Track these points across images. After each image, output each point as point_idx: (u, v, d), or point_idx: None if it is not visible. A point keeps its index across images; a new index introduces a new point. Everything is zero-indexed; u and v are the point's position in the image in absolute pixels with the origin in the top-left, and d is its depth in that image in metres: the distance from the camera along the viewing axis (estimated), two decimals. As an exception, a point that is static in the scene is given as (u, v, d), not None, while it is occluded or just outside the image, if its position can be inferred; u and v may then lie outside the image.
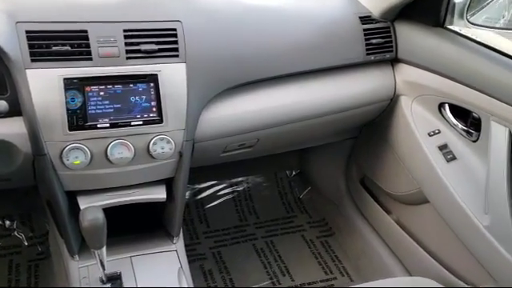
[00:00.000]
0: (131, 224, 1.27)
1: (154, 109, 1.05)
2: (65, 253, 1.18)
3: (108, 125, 1.02)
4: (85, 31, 1.00)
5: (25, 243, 1.65)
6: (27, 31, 0.97)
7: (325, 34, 1.28)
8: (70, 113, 0.98)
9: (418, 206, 1.43)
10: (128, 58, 1.03)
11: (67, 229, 1.12)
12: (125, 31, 1.03)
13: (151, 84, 1.05)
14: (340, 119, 1.38)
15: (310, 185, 2.04)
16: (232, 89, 1.18)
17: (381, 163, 1.56)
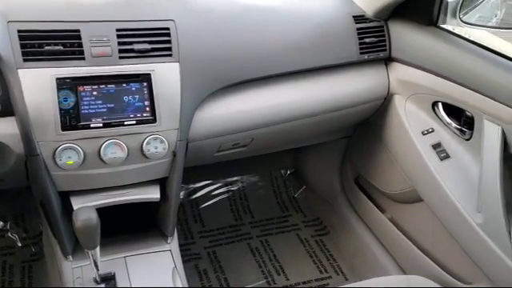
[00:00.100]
0: (125, 224, 1.27)
1: (148, 108, 1.05)
2: (58, 253, 1.17)
3: (101, 125, 1.01)
4: (77, 31, 1.00)
5: (18, 244, 1.65)
6: (19, 30, 0.96)
7: (318, 34, 1.28)
8: (63, 113, 0.98)
9: (412, 205, 1.43)
10: (121, 58, 1.03)
11: (60, 229, 1.12)
12: (118, 30, 1.03)
13: (144, 83, 1.04)
14: (334, 118, 1.38)
15: (305, 184, 2.05)
16: (226, 88, 1.18)
17: (375, 162, 1.57)
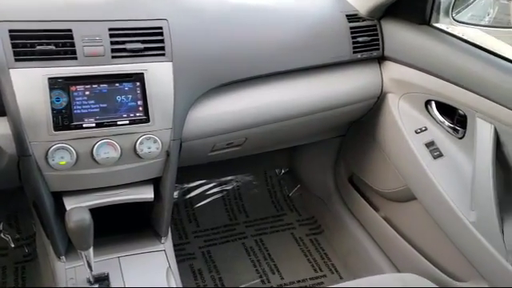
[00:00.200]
0: (119, 224, 1.26)
1: (141, 108, 1.04)
2: (51, 254, 1.16)
3: (94, 124, 1.01)
4: (69, 30, 0.99)
5: (11, 245, 1.63)
6: (10, 30, 0.96)
7: (312, 33, 1.28)
8: (55, 113, 0.97)
9: (406, 203, 1.44)
10: (114, 57, 1.02)
11: (53, 230, 1.11)
12: (110, 30, 1.02)
13: (137, 83, 1.04)
14: (328, 117, 1.38)
15: (300, 183, 2.05)
16: (219, 88, 1.18)
17: (368, 161, 1.57)
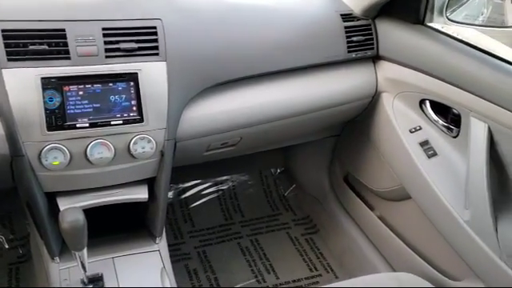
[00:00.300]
0: (113, 224, 1.26)
1: (135, 108, 1.04)
2: (45, 255, 1.16)
3: (87, 124, 1.00)
4: (62, 30, 0.99)
5: (5, 246, 1.62)
6: (3, 30, 0.95)
7: (306, 32, 1.28)
8: (49, 113, 0.97)
9: (401, 202, 1.44)
10: (107, 57, 1.02)
11: (47, 230, 1.11)
12: (104, 30, 1.02)
13: (131, 83, 1.03)
14: (322, 117, 1.38)
15: (295, 182, 2.05)
16: (214, 87, 1.18)
17: (363, 160, 1.57)
